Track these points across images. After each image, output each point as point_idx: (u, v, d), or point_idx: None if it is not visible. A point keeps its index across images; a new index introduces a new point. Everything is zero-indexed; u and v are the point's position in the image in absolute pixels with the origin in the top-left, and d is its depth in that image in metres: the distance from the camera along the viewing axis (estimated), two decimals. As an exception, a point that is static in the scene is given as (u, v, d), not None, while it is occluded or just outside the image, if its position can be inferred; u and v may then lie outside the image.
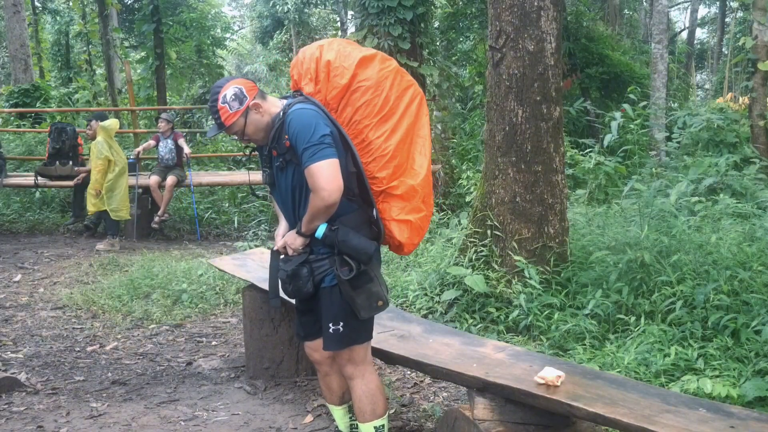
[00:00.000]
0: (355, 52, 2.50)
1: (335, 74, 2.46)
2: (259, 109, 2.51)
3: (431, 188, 2.66)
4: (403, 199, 2.55)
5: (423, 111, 2.62)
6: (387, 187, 2.52)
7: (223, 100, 2.48)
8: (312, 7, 25.36)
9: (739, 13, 20.36)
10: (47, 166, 8.97)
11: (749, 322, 3.60)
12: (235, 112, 2.48)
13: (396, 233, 2.58)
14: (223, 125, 2.51)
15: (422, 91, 2.66)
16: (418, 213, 2.58)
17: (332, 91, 2.48)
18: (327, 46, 2.53)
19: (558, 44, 4.62)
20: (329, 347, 2.61)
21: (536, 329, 4.25)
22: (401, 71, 2.59)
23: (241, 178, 9.67)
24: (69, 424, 3.41)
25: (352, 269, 2.46)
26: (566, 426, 2.60)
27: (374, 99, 2.47)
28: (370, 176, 2.51)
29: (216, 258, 5.04)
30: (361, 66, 2.47)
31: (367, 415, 2.64)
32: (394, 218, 2.56)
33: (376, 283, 2.52)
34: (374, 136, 2.48)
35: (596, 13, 14.55)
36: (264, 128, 2.54)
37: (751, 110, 8.30)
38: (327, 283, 2.54)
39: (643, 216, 4.95)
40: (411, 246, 2.65)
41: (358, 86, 2.47)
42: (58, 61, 18.76)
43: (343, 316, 2.53)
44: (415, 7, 8.60)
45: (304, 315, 2.74)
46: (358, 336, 2.59)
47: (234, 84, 2.51)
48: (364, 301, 2.49)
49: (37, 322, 5.20)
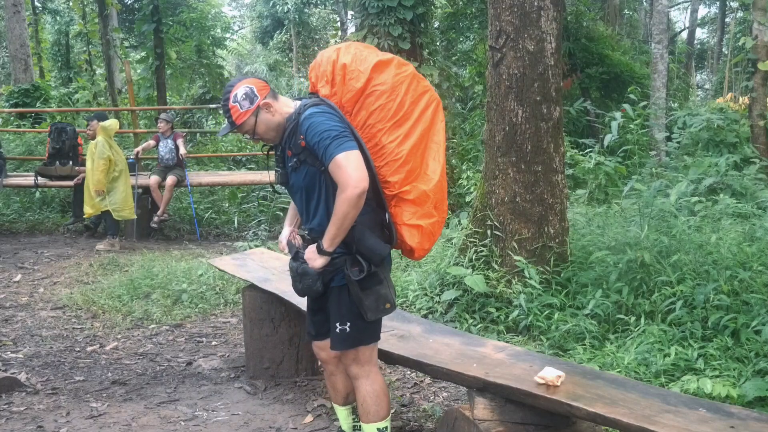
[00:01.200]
0: (371, 57, 2.50)
1: (351, 77, 2.47)
2: (270, 109, 2.52)
3: (445, 194, 2.65)
4: (415, 204, 2.54)
5: (438, 117, 2.60)
6: (399, 191, 2.51)
7: (234, 99, 2.50)
8: (312, 7, 25.36)
9: (739, 13, 20.35)
10: (47, 166, 8.98)
11: (749, 322, 3.60)
12: (245, 111, 2.50)
13: (407, 238, 2.58)
14: (234, 124, 2.53)
15: (438, 97, 2.64)
16: (430, 218, 2.57)
17: (347, 94, 2.48)
18: (344, 50, 2.53)
19: (558, 44, 4.62)
20: (336, 347, 2.62)
21: (536, 329, 4.25)
22: (418, 76, 2.58)
23: (241, 178, 9.67)
24: (69, 424, 3.41)
25: (362, 270, 2.46)
26: (566, 426, 2.60)
27: (388, 103, 2.47)
28: (382, 180, 2.50)
29: (216, 258, 5.04)
30: (376, 70, 2.47)
31: (371, 415, 2.64)
32: (406, 223, 2.56)
33: (385, 285, 2.53)
34: (387, 141, 2.48)
35: (596, 13, 14.53)
36: (275, 128, 2.55)
37: (751, 110, 8.30)
38: (336, 283, 2.54)
39: (643, 216, 4.95)
40: (422, 251, 2.63)
41: (373, 90, 2.47)
42: (58, 61, 18.75)
43: (350, 317, 2.54)
44: (415, 7, 8.59)
45: (316, 314, 2.75)
46: (365, 337, 2.60)
47: (245, 83, 2.52)
48: (372, 303, 2.49)
49: (37, 322, 5.20)
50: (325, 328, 2.72)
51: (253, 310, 3.93)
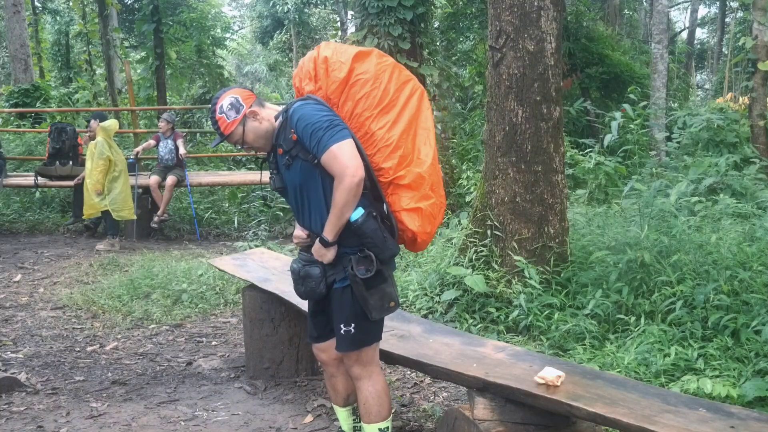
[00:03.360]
0: (351, 49, 2.54)
1: (333, 69, 2.49)
2: (257, 117, 2.55)
3: (440, 177, 2.65)
4: (411, 188, 2.53)
5: (424, 104, 2.62)
6: (394, 177, 2.51)
7: (221, 110, 2.55)
8: (312, 7, 25.37)
9: (739, 13, 20.35)
10: (47, 166, 8.98)
11: (749, 322, 3.60)
12: (232, 121, 2.54)
13: (408, 222, 2.56)
14: (223, 135, 2.57)
15: (422, 86, 2.66)
16: (428, 200, 2.56)
17: (332, 86, 2.49)
18: (324, 46, 2.58)
19: (558, 44, 4.62)
20: (342, 348, 2.61)
21: (536, 329, 4.25)
22: (399, 66, 2.60)
23: (241, 178, 9.66)
24: (69, 424, 3.41)
25: (369, 269, 2.46)
26: (566, 426, 2.60)
27: (373, 91, 2.48)
28: (376, 168, 2.50)
29: (216, 258, 5.04)
30: (357, 60, 2.50)
31: (373, 416, 2.64)
32: (404, 208, 2.54)
33: (390, 283, 2.54)
34: (377, 127, 2.48)
35: (596, 13, 14.53)
36: (263, 135, 2.57)
37: (751, 110, 8.29)
38: (339, 284, 2.54)
39: (643, 216, 4.95)
40: (424, 235, 2.60)
41: (357, 79, 2.48)
42: (58, 61, 18.75)
43: (354, 318, 2.53)
44: (415, 7, 8.59)
45: (316, 316, 2.75)
46: (369, 337, 2.61)
47: (230, 94, 2.56)
48: (377, 302, 2.49)
49: (37, 322, 5.20)
50: (326, 330, 2.72)
51: (253, 310, 3.93)
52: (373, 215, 2.47)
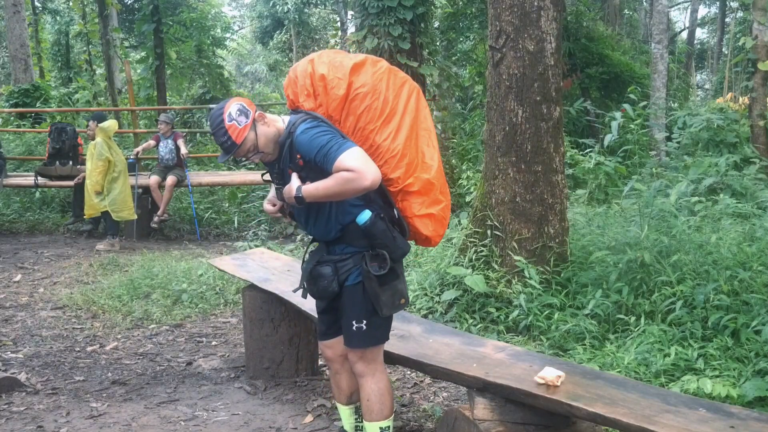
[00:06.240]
0: (345, 61, 2.53)
1: (332, 86, 2.48)
2: (265, 120, 2.55)
3: (445, 178, 2.69)
4: (421, 194, 2.57)
5: (422, 104, 2.64)
6: (403, 185, 2.54)
7: (230, 117, 2.47)
8: (312, 7, 25.36)
9: (739, 13, 20.35)
10: (47, 166, 8.98)
11: (749, 322, 3.60)
12: (244, 126, 2.49)
13: (421, 228, 2.61)
14: (235, 144, 2.48)
15: (418, 85, 2.69)
16: (438, 205, 2.61)
17: (332, 103, 2.50)
18: (317, 60, 2.54)
19: (558, 44, 4.62)
20: (352, 344, 2.62)
21: (536, 329, 4.25)
22: (393, 69, 2.61)
23: (241, 178, 9.66)
24: (69, 424, 3.41)
25: (381, 266, 2.48)
26: (566, 426, 2.60)
27: (374, 103, 2.49)
28: (385, 179, 2.51)
29: (216, 258, 5.04)
30: (354, 73, 2.50)
31: (375, 414, 2.65)
32: (417, 214, 2.58)
33: (401, 280, 2.57)
34: (381, 139, 2.50)
35: (596, 13, 14.52)
36: (273, 139, 2.55)
37: (751, 110, 8.29)
38: (351, 281, 2.56)
39: (643, 216, 4.95)
40: (438, 237, 2.68)
41: (356, 94, 2.49)
42: (58, 61, 18.74)
43: (366, 314, 2.55)
44: (415, 7, 8.60)
45: (325, 313, 2.77)
46: (380, 334, 2.63)
47: (234, 102, 2.53)
48: (389, 299, 2.52)
49: (37, 322, 5.20)
50: (333, 327, 2.74)
51: (253, 310, 3.93)
52: (381, 216, 2.49)
